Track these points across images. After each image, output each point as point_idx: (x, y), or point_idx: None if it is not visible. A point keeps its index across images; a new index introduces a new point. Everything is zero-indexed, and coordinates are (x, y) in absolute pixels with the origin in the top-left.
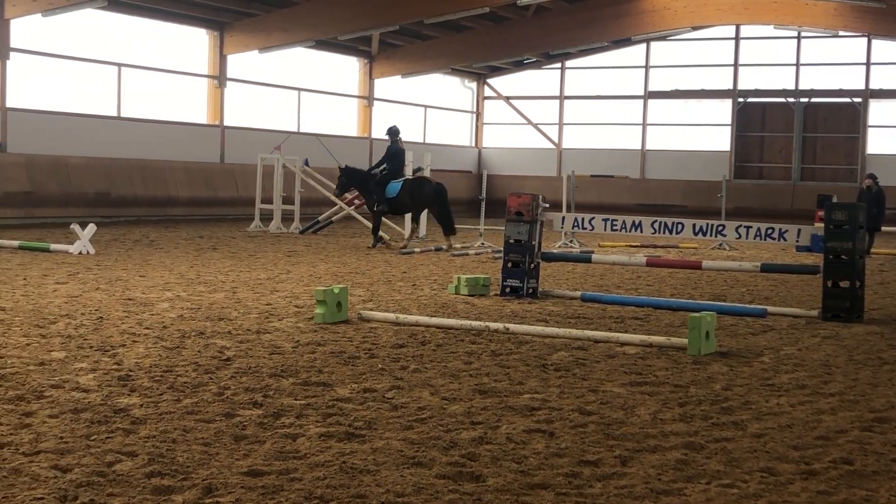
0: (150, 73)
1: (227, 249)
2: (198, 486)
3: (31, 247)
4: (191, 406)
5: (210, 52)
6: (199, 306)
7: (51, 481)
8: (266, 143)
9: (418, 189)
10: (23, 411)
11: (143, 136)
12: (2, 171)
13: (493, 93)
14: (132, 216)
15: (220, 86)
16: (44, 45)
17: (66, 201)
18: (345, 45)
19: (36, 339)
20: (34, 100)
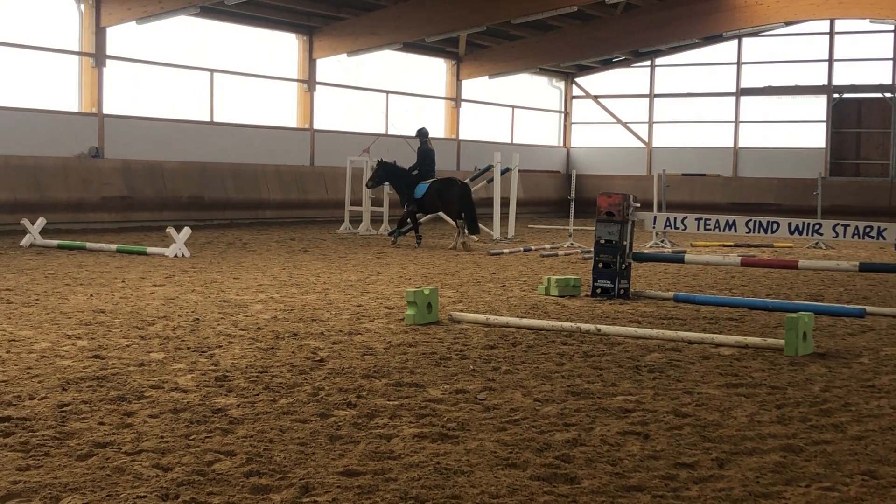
0: (242, 79)
1: (318, 251)
2: (295, 485)
3: (128, 250)
4: (286, 406)
5: (300, 57)
6: (291, 308)
7: (153, 480)
8: (355, 145)
9: (446, 190)
10: (124, 411)
11: (235, 140)
12: (100, 177)
13: (582, 92)
14: (225, 219)
15: (309, 90)
16: (139, 52)
17: (161, 205)
18: (432, 46)
19: (135, 340)
20: (130, 106)
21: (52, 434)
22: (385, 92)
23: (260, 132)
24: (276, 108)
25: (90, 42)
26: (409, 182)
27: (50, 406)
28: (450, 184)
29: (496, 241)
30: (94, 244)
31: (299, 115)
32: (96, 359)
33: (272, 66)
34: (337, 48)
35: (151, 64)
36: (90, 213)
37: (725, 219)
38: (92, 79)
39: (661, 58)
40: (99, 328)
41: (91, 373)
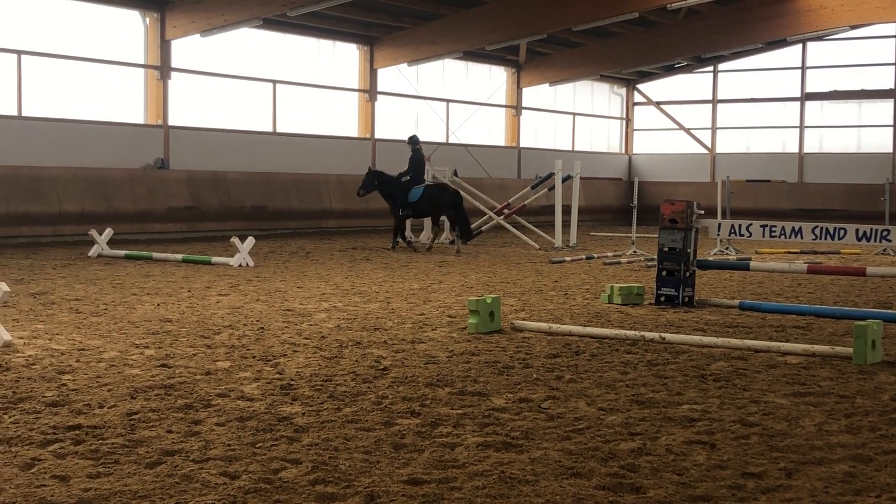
0: (304, 89)
1: (379, 260)
2: (360, 493)
3: (193, 260)
4: (351, 415)
5: (360, 67)
6: (354, 316)
7: (220, 487)
8: None
9: (438, 196)
10: (192, 419)
11: (297, 150)
12: (165, 187)
13: (644, 98)
14: (288, 228)
15: (370, 99)
16: (203, 64)
17: (225, 215)
18: (492, 55)
19: (202, 349)
20: (194, 118)
21: (122, 442)
22: (445, 101)
23: (322, 142)
24: (337, 118)
25: (155, 55)
26: (402, 188)
27: (119, 414)
28: (442, 190)
29: (558, 250)
30: (160, 254)
31: (360, 124)
32: (164, 367)
33: (334, 77)
34: (397, 58)
35: (215, 76)
36: (156, 224)
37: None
38: (157, 91)
39: (725, 63)
40: (166, 337)
41: (159, 381)
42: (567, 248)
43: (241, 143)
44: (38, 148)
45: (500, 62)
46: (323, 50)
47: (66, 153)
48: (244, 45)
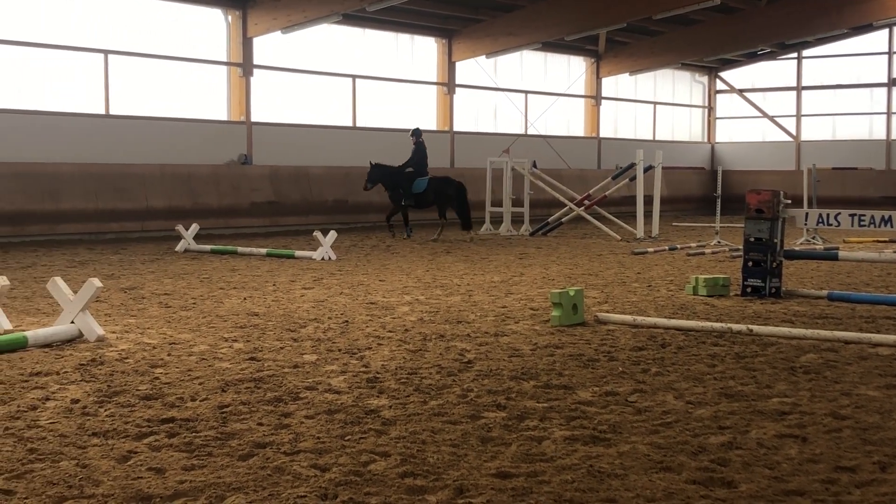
0: (383, 83)
1: (459, 253)
2: (449, 486)
3: (277, 254)
4: (437, 408)
5: (439, 60)
6: (437, 309)
7: (311, 480)
8: (494, 146)
9: (442, 187)
10: (281, 412)
11: (377, 144)
12: (249, 183)
13: (726, 86)
14: (368, 222)
15: (448, 92)
16: (283, 60)
17: (307, 209)
18: (571, 45)
19: (288, 342)
20: (276, 113)
21: (215, 434)
22: (523, 92)
23: (401, 136)
24: (416, 112)
25: (238, 52)
26: (405, 178)
27: (211, 407)
28: (447, 182)
29: (640, 241)
30: (244, 248)
31: (439, 117)
32: (253, 361)
33: (412, 71)
34: (476, 50)
35: (296, 72)
36: (240, 219)
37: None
38: (240, 88)
39: (809, 49)
40: (254, 331)
41: (248, 375)
42: (649, 238)
43: (321, 137)
44: (125, 146)
45: (579, 52)
46: (401, 44)
47: (153, 150)
48: (323, 41)
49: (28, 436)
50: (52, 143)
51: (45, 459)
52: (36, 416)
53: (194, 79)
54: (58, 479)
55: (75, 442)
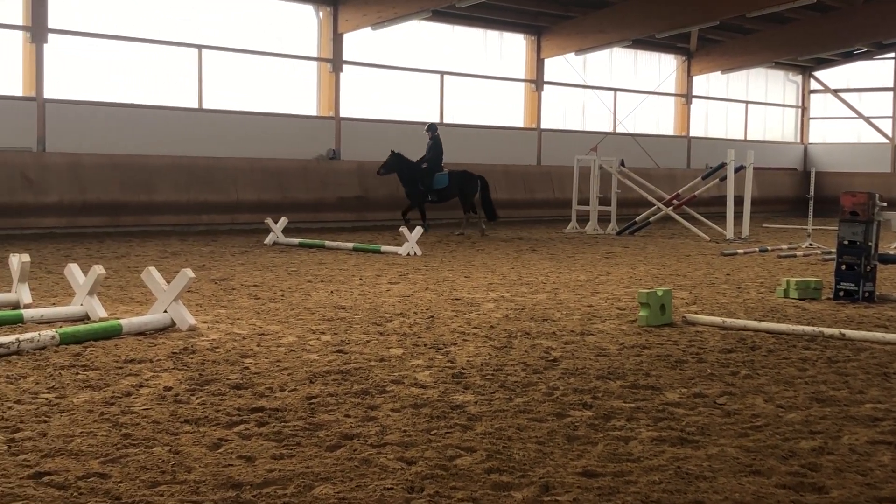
0: (470, 80)
1: (545, 251)
2: (535, 483)
3: (364, 248)
4: (522, 405)
5: (527, 57)
6: (522, 307)
7: (398, 472)
8: (582, 144)
9: (468, 182)
10: (368, 405)
11: (464, 140)
12: (336, 178)
13: (820, 86)
14: (454, 218)
15: (537, 89)
16: (372, 56)
17: (393, 204)
18: (662, 42)
19: (375, 336)
20: (364, 109)
21: (303, 425)
22: (612, 90)
23: (488, 132)
24: (503, 109)
25: (328, 48)
26: (424, 173)
27: (299, 398)
28: (470, 177)
29: (730, 242)
30: (331, 242)
31: (526, 114)
32: (340, 353)
33: (500, 67)
34: (565, 47)
35: (384, 68)
36: (327, 213)
37: None
38: (329, 83)
39: None
40: (340, 324)
41: (335, 367)
42: (739, 240)
43: (408, 133)
44: (217, 139)
45: (669, 50)
46: (490, 40)
47: (243, 144)
48: (412, 37)
49: (123, 421)
50: (148, 136)
51: (139, 445)
52: (130, 402)
53: (285, 74)
54: (151, 465)
55: (168, 428)
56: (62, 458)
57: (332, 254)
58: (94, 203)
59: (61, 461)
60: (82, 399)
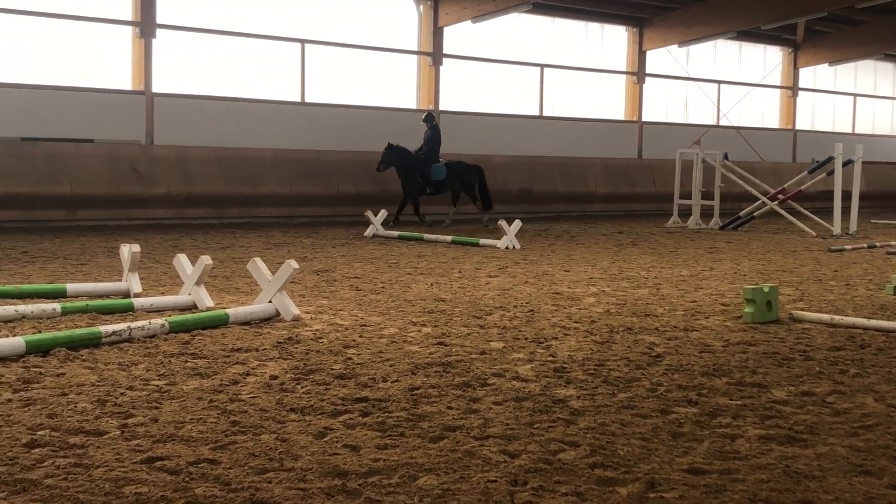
0: (570, 73)
1: (646, 245)
2: (640, 479)
3: (462, 241)
4: (626, 400)
5: (629, 49)
6: (624, 302)
7: (501, 465)
8: (684, 137)
9: (466, 172)
10: (470, 397)
11: (563, 133)
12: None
13: None
14: (552, 212)
15: (638, 81)
16: (471, 49)
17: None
18: (767, 34)
19: (475, 329)
20: (463, 102)
21: (406, 416)
22: (716, 82)
23: (588, 125)
24: (603, 101)
25: (428, 42)
26: (423, 164)
27: (401, 389)
28: (468, 167)
29: (837, 237)
30: (430, 235)
31: (627, 107)
32: (441, 345)
33: (601, 60)
34: (667, 39)
35: (483, 61)
36: (426, 206)
37: None
38: (429, 77)
39: None
40: (441, 316)
41: (437, 359)
42: (846, 235)
43: (507, 126)
44: (318, 133)
45: (775, 42)
46: (591, 33)
47: (344, 138)
48: (512, 30)
49: (230, 409)
50: (252, 130)
51: (247, 432)
52: (237, 390)
53: (385, 68)
54: (259, 452)
55: (274, 416)
56: (173, 444)
57: (431, 246)
58: (199, 195)
59: (172, 447)
60: (191, 386)
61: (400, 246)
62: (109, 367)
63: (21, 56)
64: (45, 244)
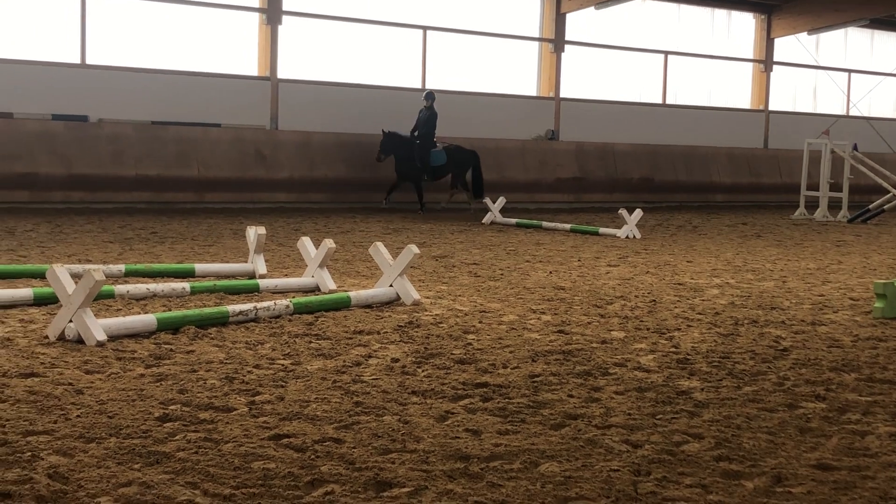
0: (696, 60)
1: (771, 237)
2: (766, 474)
3: (581, 230)
4: (751, 394)
5: (756, 37)
6: (748, 294)
7: (623, 455)
8: (812, 127)
9: (462, 157)
10: (591, 386)
11: (686, 122)
12: (554, 158)
13: None
14: (674, 202)
15: (765, 69)
16: (593, 36)
17: (611, 186)
18: None
19: (595, 318)
20: (583, 89)
21: (527, 402)
22: (847, 71)
23: (712, 114)
24: (728, 90)
25: (550, 28)
26: (421, 149)
27: (522, 376)
28: (464, 152)
29: None
30: (549, 223)
31: (754, 96)
32: (561, 334)
33: (726, 47)
34: (796, 26)
35: (606, 48)
36: (544, 194)
37: None
38: (551, 64)
39: None
40: (560, 304)
41: (557, 347)
42: None
43: (629, 115)
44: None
45: None
46: (717, 20)
47: (463, 124)
48: (635, 17)
49: (354, 389)
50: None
51: (370, 413)
52: (360, 371)
53: (505, 54)
54: (382, 433)
55: (396, 398)
56: (299, 422)
57: (550, 234)
58: (321, 179)
59: (298, 425)
60: (315, 366)
61: (518, 233)
62: (237, 346)
63: (152, 42)
64: (174, 225)
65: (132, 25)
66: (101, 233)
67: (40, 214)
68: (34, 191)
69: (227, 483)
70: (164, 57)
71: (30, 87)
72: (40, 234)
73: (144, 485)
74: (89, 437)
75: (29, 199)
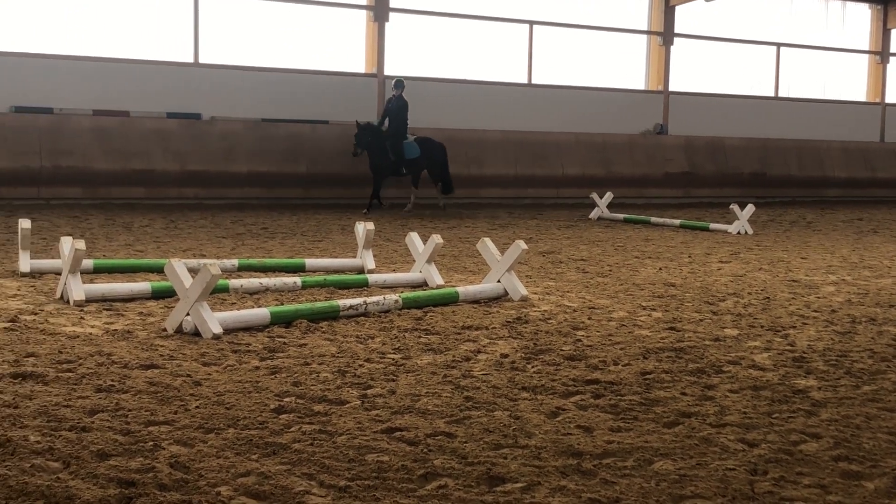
0: (809, 52)
1: (888, 233)
2: (888, 475)
3: (691, 225)
4: (871, 393)
5: (872, 27)
6: (866, 291)
7: (739, 454)
8: None
9: (433, 151)
10: (704, 384)
11: (799, 115)
12: (663, 153)
13: None
14: (786, 197)
15: (882, 61)
16: (704, 29)
17: (721, 181)
18: None
19: (707, 315)
20: (693, 83)
21: (639, 400)
22: None
23: (825, 107)
24: (843, 82)
25: (659, 21)
26: (394, 142)
27: (633, 373)
28: (434, 144)
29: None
30: (657, 219)
31: (869, 88)
32: (672, 331)
33: (841, 38)
34: None
35: (716, 40)
36: (652, 188)
37: None
38: (659, 57)
39: None
40: (671, 301)
41: (668, 344)
42: None
43: (739, 108)
44: (543, 114)
45: None
46: (831, 11)
47: (569, 119)
48: (747, 9)
49: (464, 384)
50: (478, 111)
51: (481, 408)
52: (469, 366)
53: (612, 48)
54: (493, 428)
55: (507, 394)
56: (411, 416)
57: (658, 230)
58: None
59: (410, 418)
60: (425, 361)
61: (626, 229)
62: (348, 340)
63: (262, 41)
64: (284, 220)
65: (242, 25)
66: (214, 228)
67: (156, 210)
68: (150, 187)
69: (342, 475)
70: (273, 55)
71: (145, 87)
72: (156, 230)
73: (262, 475)
74: (208, 428)
75: (145, 195)
